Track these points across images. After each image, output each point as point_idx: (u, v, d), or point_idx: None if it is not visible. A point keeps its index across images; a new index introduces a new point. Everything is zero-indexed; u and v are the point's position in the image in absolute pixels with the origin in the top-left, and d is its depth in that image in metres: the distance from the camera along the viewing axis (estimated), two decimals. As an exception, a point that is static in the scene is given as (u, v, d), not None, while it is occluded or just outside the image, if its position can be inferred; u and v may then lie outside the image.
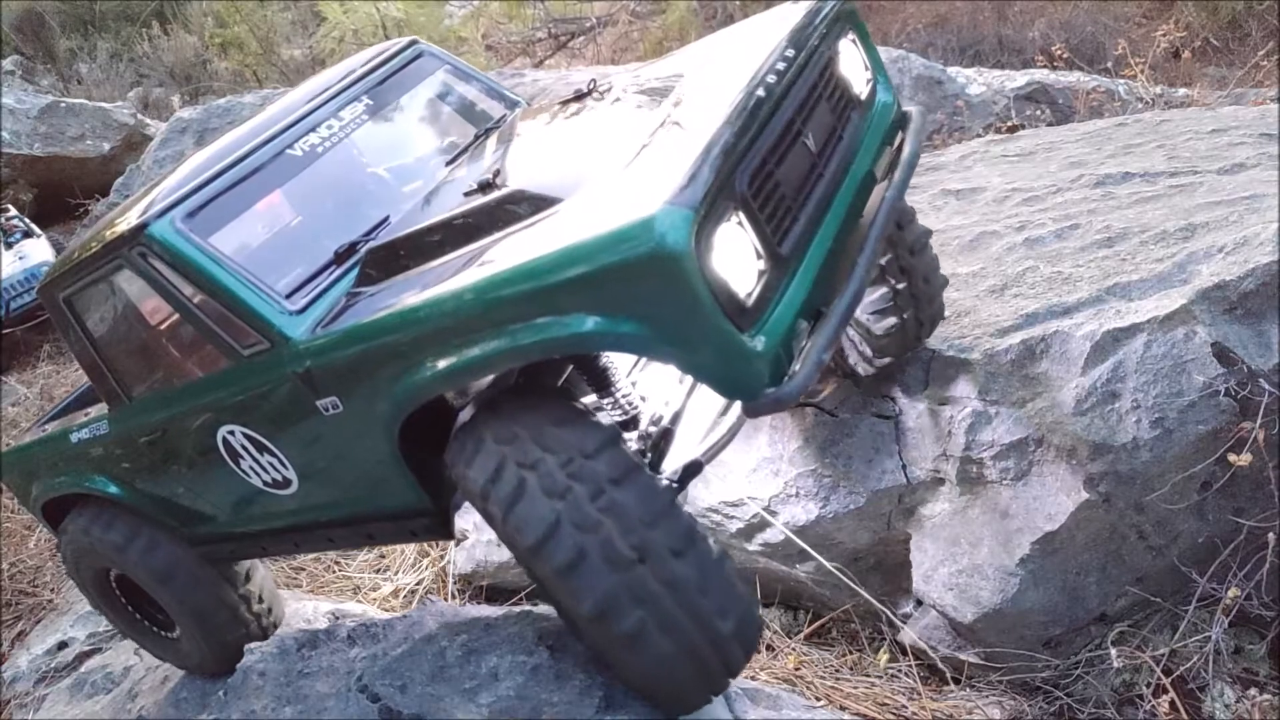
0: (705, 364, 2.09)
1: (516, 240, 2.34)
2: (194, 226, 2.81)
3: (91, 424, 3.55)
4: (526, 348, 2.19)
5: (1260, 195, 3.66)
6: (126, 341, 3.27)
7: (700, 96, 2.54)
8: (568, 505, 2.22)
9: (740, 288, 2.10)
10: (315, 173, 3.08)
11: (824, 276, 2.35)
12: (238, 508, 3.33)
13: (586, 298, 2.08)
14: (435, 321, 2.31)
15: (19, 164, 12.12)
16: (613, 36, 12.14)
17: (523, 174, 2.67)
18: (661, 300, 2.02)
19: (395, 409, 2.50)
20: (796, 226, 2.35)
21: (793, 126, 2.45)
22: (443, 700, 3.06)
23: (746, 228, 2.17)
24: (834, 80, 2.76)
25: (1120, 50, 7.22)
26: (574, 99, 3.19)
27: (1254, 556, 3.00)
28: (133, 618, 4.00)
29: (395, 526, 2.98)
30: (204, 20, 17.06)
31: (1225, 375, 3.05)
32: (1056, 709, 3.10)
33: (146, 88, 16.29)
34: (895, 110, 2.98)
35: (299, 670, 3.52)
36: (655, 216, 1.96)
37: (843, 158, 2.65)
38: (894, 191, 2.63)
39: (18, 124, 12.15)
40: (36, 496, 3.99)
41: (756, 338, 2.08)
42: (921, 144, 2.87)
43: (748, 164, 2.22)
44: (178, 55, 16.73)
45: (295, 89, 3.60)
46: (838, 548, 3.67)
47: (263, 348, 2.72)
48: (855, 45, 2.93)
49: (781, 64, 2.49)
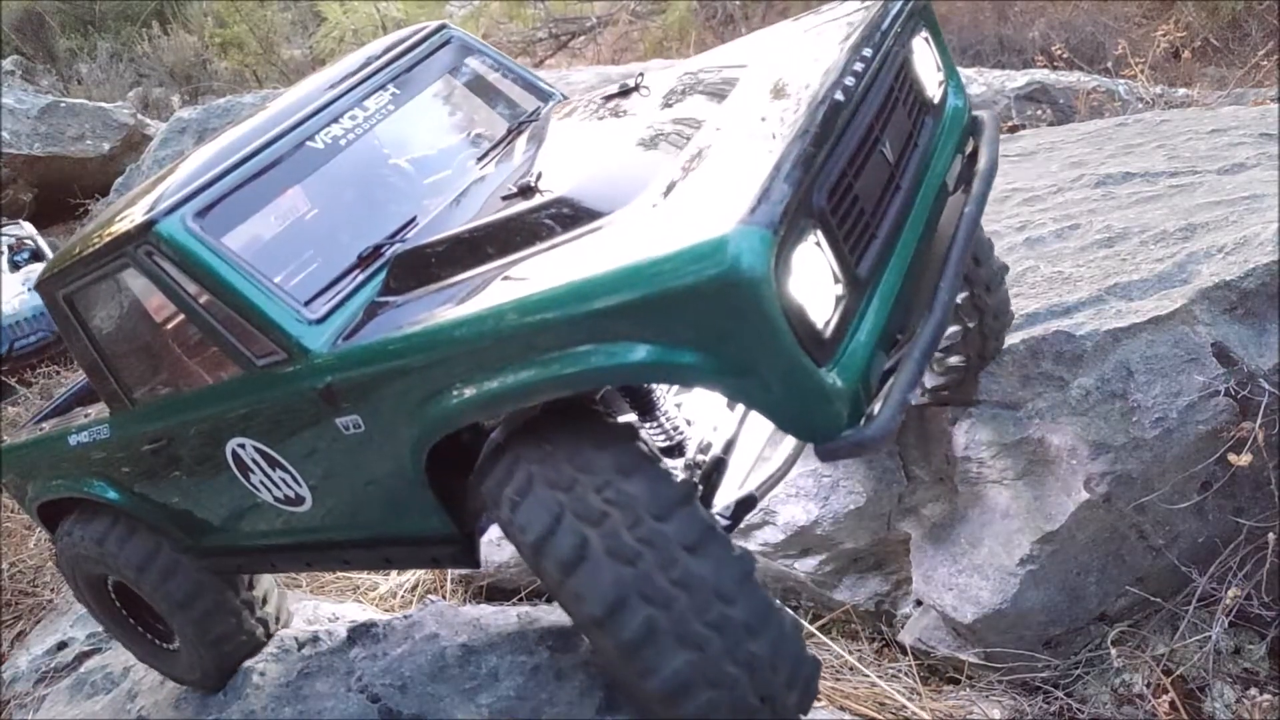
0: (777, 402, 1.87)
1: (562, 255, 2.13)
2: (206, 225, 2.60)
3: (91, 426, 3.39)
4: (573, 376, 1.97)
5: (1260, 195, 3.66)
6: (130, 343, 3.10)
7: (769, 98, 2.32)
8: (637, 575, 1.99)
9: (818, 316, 1.88)
10: (338, 167, 2.87)
11: (902, 301, 2.15)
12: (246, 522, 3.15)
13: (643, 324, 1.87)
14: (473, 343, 2.09)
15: (19, 164, 12.14)
16: (613, 36, 12.14)
17: (566, 179, 2.42)
18: (732, 330, 1.80)
19: (423, 434, 2.30)
20: (874, 245, 2.14)
21: (871, 134, 2.23)
22: (443, 700, 3.06)
23: (824, 248, 1.95)
24: (909, 82, 2.54)
25: (1120, 50, 7.22)
26: (619, 95, 2.98)
27: (1254, 556, 3.00)
28: (131, 627, 3.84)
29: (416, 552, 2.78)
30: (204, 20, 17.08)
31: (1225, 375, 3.05)
32: (1056, 709, 3.10)
33: (146, 88, 16.30)
34: (967, 115, 2.77)
35: (299, 670, 3.51)
36: (729, 237, 1.75)
37: (917, 168, 2.43)
38: (974, 206, 2.42)
39: (18, 124, 12.16)
40: (33, 497, 3.83)
41: (833, 372, 1.87)
42: (997, 152, 2.66)
43: (826, 176, 2.00)
44: (178, 55, 16.74)
45: (316, 74, 3.35)
46: (838, 548, 3.67)
47: (278, 359, 2.51)
48: (928, 44, 2.70)
49: (859, 64, 2.26)
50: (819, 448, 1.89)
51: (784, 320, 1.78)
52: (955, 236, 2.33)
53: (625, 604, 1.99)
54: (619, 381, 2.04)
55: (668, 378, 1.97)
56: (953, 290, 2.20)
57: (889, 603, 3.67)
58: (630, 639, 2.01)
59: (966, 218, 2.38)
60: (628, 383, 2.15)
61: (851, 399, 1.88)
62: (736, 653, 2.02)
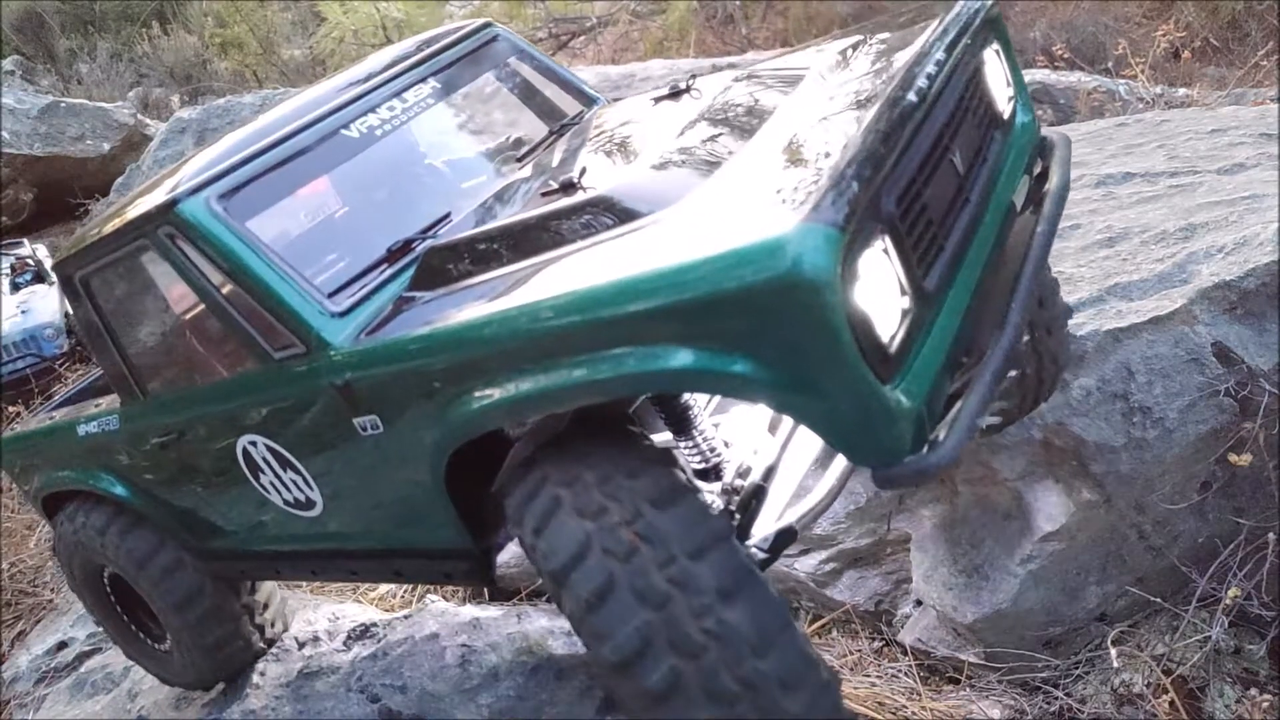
0: (835, 420, 1.70)
1: (604, 252, 2.00)
2: (230, 208, 2.49)
3: (101, 418, 3.31)
4: (609, 382, 1.83)
5: (1260, 195, 3.66)
6: (145, 331, 3.00)
7: (832, 100, 2.20)
8: (665, 620, 1.84)
9: (883, 329, 1.73)
10: (372, 158, 2.77)
11: (970, 319, 2.01)
12: (252, 526, 3.07)
13: (690, 328, 1.72)
14: (502, 343, 1.96)
15: (19, 164, 12.14)
16: (613, 36, 12.14)
17: (612, 176, 2.29)
18: (789, 339, 1.64)
19: (445, 439, 2.18)
20: (942, 258, 2.00)
21: (941, 141, 2.10)
22: (443, 700, 3.06)
23: (892, 256, 1.80)
24: (980, 93, 2.42)
25: (1120, 50, 7.21)
26: (668, 96, 2.86)
27: (1254, 556, 3.00)
28: (123, 623, 3.77)
29: (429, 565, 2.67)
30: (204, 20, 17.08)
31: (1225, 375, 3.05)
32: (1056, 709, 3.10)
33: (146, 88, 16.30)
34: (1036, 134, 2.65)
35: (299, 670, 3.52)
36: (791, 235, 1.59)
37: (986, 182, 2.30)
38: (1047, 225, 2.28)
39: (18, 124, 12.16)
40: (38, 489, 3.76)
41: (898, 391, 1.71)
42: (1069, 175, 2.51)
43: (896, 179, 1.87)
44: (178, 55, 16.74)
45: (355, 65, 3.27)
46: (838, 547, 3.67)
47: (297, 352, 2.41)
48: (999, 57, 2.59)
49: (933, 67, 2.15)
50: (877, 474, 1.74)
51: (848, 330, 1.62)
52: (1027, 256, 2.19)
53: (649, 652, 1.84)
54: (658, 389, 1.92)
55: (713, 387, 1.82)
56: (1024, 310, 2.07)
57: (889, 603, 3.67)
58: (652, 690, 1.85)
59: (1040, 236, 2.24)
60: (667, 391, 1.99)
61: (916, 421, 1.73)
62: (768, 712, 1.85)
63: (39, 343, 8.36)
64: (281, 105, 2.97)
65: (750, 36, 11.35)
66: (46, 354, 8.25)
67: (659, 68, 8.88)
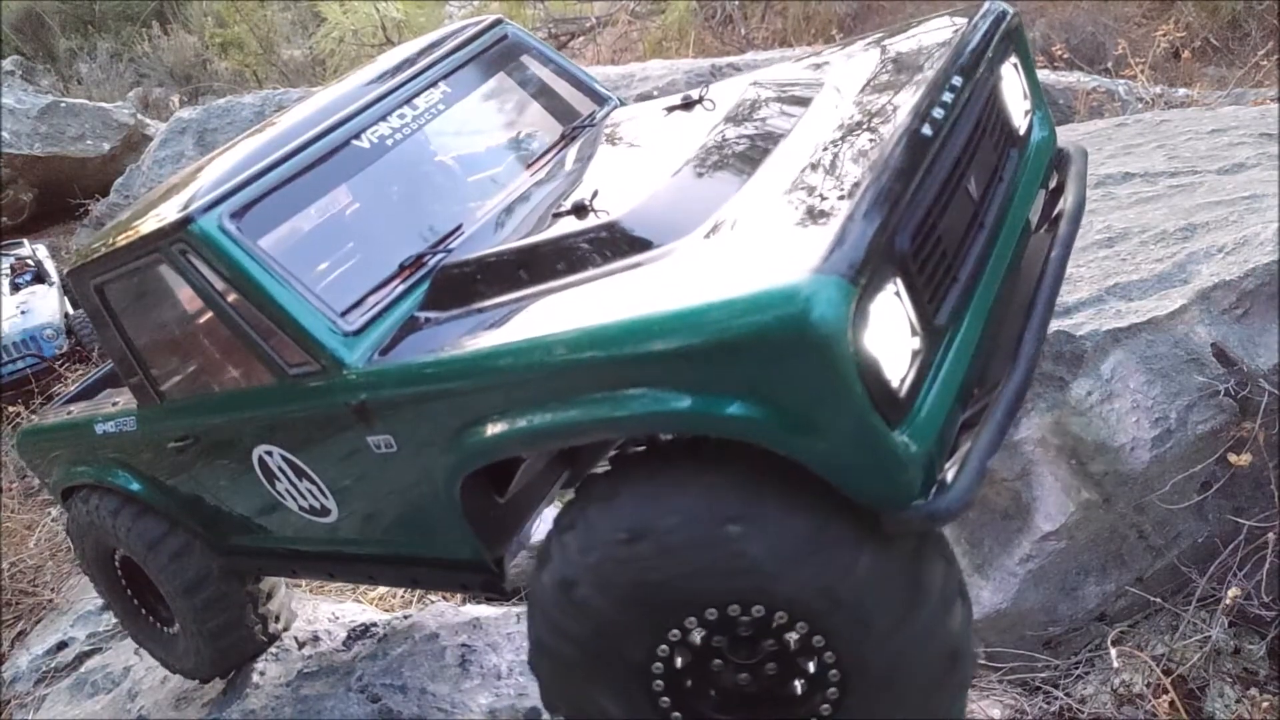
0: (841, 465, 1.69)
1: (616, 285, 2.00)
2: (243, 225, 2.49)
3: (119, 417, 3.35)
4: (621, 420, 1.84)
5: (1260, 195, 3.66)
6: (161, 339, 3.03)
7: (847, 122, 2.16)
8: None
9: (892, 372, 1.71)
10: (383, 169, 2.74)
11: (981, 350, 1.98)
12: (268, 527, 3.10)
13: (700, 371, 1.71)
14: (517, 374, 1.97)
15: (19, 164, 12.13)
16: (612, 36, 12.13)
17: (623, 201, 2.27)
18: (797, 385, 1.64)
19: (460, 463, 2.19)
20: (954, 290, 1.96)
21: (957, 169, 2.05)
22: (443, 700, 3.06)
23: (904, 298, 1.77)
24: (997, 112, 2.37)
25: (1120, 50, 7.21)
26: (681, 107, 2.83)
27: (1254, 556, 3.00)
28: (133, 606, 3.84)
29: (445, 575, 2.70)
30: (204, 20, 17.06)
31: (1225, 375, 3.05)
32: (1056, 709, 3.10)
33: (146, 88, 16.29)
34: (1053, 147, 2.60)
35: (299, 670, 3.52)
36: (802, 285, 1.58)
37: (1001, 204, 2.25)
38: (1061, 249, 2.24)
39: (18, 124, 12.15)
40: (56, 481, 3.83)
41: (906, 435, 1.69)
42: (1085, 190, 2.46)
43: (910, 217, 1.82)
44: (178, 55, 16.72)
45: (364, 67, 3.22)
46: (838, 548, 3.67)
47: (311, 369, 2.42)
48: (1017, 70, 2.52)
49: (949, 94, 2.10)
50: (887, 519, 1.73)
51: (857, 377, 1.62)
52: (1040, 282, 2.14)
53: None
54: (671, 429, 1.91)
55: (719, 429, 1.79)
56: (1038, 341, 2.03)
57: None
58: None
59: (1053, 262, 2.20)
60: (680, 430, 1.98)
61: (925, 464, 1.72)
62: None
63: (39, 343, 8.37)
64: (293, 111, 2.96)
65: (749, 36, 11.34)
66: (46, 354, 8.26)
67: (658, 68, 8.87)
